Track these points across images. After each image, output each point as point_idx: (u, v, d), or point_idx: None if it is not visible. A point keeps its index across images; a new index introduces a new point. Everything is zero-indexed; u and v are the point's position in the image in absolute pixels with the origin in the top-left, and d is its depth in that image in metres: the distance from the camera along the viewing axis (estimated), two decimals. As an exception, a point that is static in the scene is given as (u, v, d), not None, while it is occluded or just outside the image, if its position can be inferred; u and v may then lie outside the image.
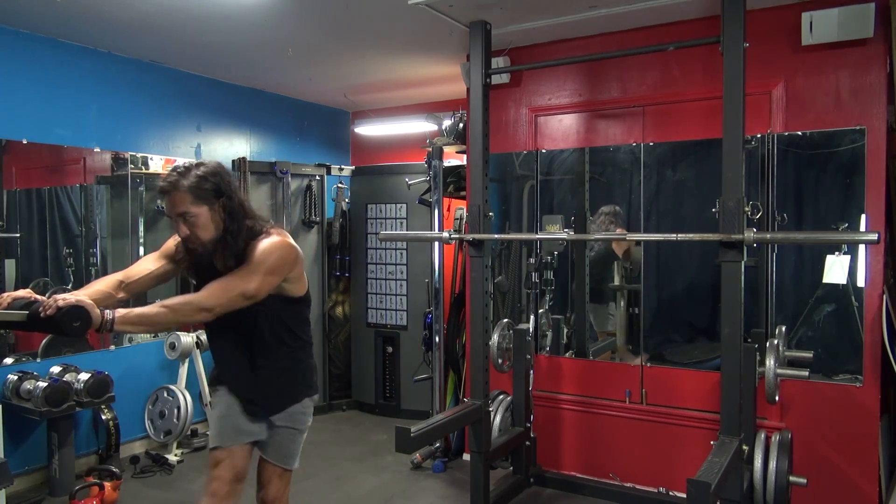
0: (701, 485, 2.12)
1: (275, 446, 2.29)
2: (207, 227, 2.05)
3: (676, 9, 3.26)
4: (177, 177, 2.03)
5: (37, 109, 3.77)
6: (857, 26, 2.96)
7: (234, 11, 3.38)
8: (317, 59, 4.33)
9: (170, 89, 4.52)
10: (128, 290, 2.15)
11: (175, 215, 2.04)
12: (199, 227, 2.05)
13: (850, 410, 3.10)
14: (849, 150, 3.12)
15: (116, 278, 2.16)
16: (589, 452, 3.79)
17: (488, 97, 3.37)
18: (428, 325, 4.56)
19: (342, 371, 5.42)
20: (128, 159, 4.27)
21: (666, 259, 3.74)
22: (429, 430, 2.93)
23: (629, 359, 3.76)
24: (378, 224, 5.15)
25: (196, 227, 2.04)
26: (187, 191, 2.02)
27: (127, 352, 4.26)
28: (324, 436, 4.72)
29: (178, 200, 2.02)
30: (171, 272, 2.26)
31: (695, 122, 3.47)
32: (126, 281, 2.16)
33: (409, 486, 3.81)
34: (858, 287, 3.09)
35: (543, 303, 4.01)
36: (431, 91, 5.22)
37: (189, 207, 2.02)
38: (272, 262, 2.06)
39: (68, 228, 4.09)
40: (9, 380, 3.52)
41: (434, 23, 3.44)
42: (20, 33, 3.67)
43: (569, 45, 3.78)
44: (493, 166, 3.68)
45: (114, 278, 2.16)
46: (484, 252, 3.34)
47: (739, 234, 2.55)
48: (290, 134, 5.54)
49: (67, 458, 3.54)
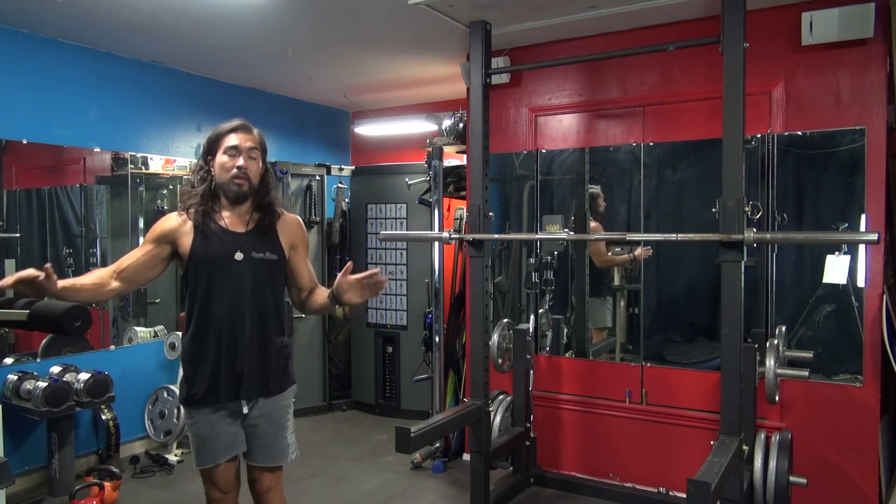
0: (701, 485, 2.12)
1: (259, 448, 2.27)
2: (258, 171, 2.26)
3: (676, 9, 3.26)
4: (247, 123, 2.27)
5: (37, 109, 3.77)
6: (857, 26, 2.96)
7: (234, 11, 3.38)
8: (317, 59, 4.33)
9: (170, 89, 4.52)
10: (122, 279, 2.17)
11: (246, 149, 2.22)
12: (254, 167, 2.24)
13: (850, 410, 3.10)
14: (849, 150, 3.12)
15: (109, 269, 2.19)
16: (589, 452, 3.79)
17: (488, 97, 3.37)
18: (428, 325, 4.57)
19: (342, 371, 5.42)
20: (128, 159, 4.27)
21: (666, 259, 3.74)
22: (429, 430, 2.93)
23: (629, 359, 3.77)
24: (378, 224, 5.15)
25: (253, 165, 2.23)
26: (259, 137, 2.28)
27: (127, 352, 4.26)
28: (324, 436, 4.72)
29: (251, 138, 2.25)
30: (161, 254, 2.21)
31: (695, 122, 3.47)
32: (118, 270, 2.18)
33: (409, 486, 3.81)
34: (858, 287, 3.09)
35: (543, 303, 4.01)
36: (431, 91, 5.22)
37: (257, 147, 2.26)
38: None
39: (68, 228, 4.09)
40: (9, 380, 3.52)
41: (434, 23, 3.44)
42: (20, 33, 3.67)
43: (569, 45, 3.79)
44: (493, 166, 3.68)
45: (106, 269, 2.20)
46: (484, 252, 3.34)
47: (739, 234, 2.55)
48: (290, 134, 5.54)
49: (67, 458, 3.53)
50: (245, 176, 2.20)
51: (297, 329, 5.09)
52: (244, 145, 2.21)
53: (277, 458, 2.30)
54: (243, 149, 2.21)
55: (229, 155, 2.20)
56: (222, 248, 2.19)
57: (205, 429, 2.21)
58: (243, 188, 2.21)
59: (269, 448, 2.28)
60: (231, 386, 2.19)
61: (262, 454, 2.28)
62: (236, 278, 2.18)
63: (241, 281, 2.19)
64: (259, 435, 2.26)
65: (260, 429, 2.25)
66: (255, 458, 2.28)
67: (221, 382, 2.18)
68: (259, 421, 2.25)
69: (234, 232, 2.23)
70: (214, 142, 2.23)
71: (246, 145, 2.21)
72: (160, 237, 2.22)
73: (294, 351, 5.10)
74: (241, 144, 2.20)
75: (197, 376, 2.19)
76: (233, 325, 2.18)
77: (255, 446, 2.27)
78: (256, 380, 2.22)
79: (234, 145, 2.20)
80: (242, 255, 2.20)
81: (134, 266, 2.19)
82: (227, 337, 2.18)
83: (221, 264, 2.18)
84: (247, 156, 2.21)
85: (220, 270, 2.18)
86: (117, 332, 4.26)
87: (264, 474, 2.30)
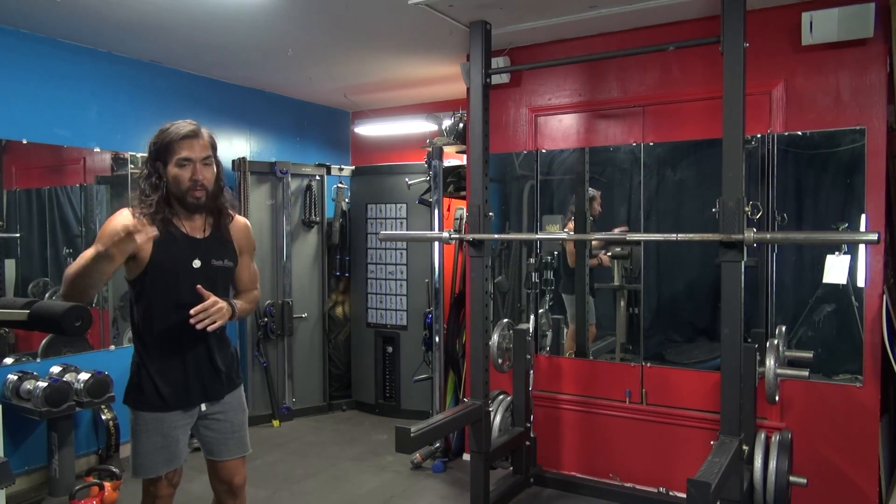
0: (701, 485, 2.12)
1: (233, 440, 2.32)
2: (212, 177, 2.20)
3: (676, 9, 3.26)
4: (196, 126, 2.16)
5: (37, 109, 3.77)
6: (857, 26, 2.96)
7: (234, 11, 3.38)
8: (317, 59, 4.33)
9: (170, 89, 4.52)
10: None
11: (200, 158, 2.14)
12: (209, 174, 2.18)
13: (850, 410, 3.10)
14: (849, 150, 3.12)
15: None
16: (589, 452, 3.79)
17: (488, 97, 3.37)
18: (428, 325, 4.57)
19: (342, 371, 5.42)
20: (128, 159, 4.27)
21: (666, 259, 3.74)
22: (429, 430, 2.92)
23: (629, 359, 3.77)
24: (378, 224, 5.15)
25: (208, 173, 2.17)
26: (209, 140, 2.19)
27: (127, 352, 4.19)
28: (324, 436, 4.73)
29: (204, 145, 2.17)
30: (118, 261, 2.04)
31: (695, 122, 3.47)
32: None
33: (409, 486, 3.81)
34: (858, 287, 3.09)
35: (543, 303, 4.01)
36: (431, 91, 5.22)
37: (210, 153, 2.19)
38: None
39: (68, 228, 4.09)
40: (9, 380, 3.52)
41: (434, 23, 3.44)
42: (20, 33, 3.67)
43: (569, 45, 3.78)
44: (493, 166, 3.68)
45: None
46: (484, 252, 3.34)
47: (739, 234, 2.55)
48: (289, 134, 5.54)
49: (67, 458, 3.53)
50: (202, 187, 2.15)
51: (297, 329, 5.10)
52: (198, 155, 2.13)
53: (247, 445, 2.37)
54: (197, 159, 2.13)
55: (182, 166, 2.12)
56: (182, 255, 2.16)
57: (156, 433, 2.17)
58: (201, 200, 2.16)
59: (242, 437, 2.34)
60: (198, 389, 2.22)
61: (236, 445, 2.33)
62: (193, 285, 2.12)
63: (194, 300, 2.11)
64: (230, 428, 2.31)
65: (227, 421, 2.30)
66: (230, 451, 2.32)
67: (191, 387, 2.20)
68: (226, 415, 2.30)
69: (193, 238, 2.20)
70: (164, 150, 2.13)
71: (200, 155, 2.13)
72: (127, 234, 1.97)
73: (294, 351, 5.13)
74: (194, 156, 2.12)
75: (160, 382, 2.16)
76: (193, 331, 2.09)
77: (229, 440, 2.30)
78: (224, 378, 2.29)
79: (186, 157, 2.12)
80: (200, 263, 2.18)
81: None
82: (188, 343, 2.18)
83: (181, 271, 2.16)
84: (201, 164, 2.14)
85: (181, 277, 2.15)
86: (117, 332, 4.26)
87: (239, 466, 2.35)
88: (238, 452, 2.34)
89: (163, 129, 2.16)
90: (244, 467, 2.39)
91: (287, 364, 5.09)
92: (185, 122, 2.16)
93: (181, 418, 2.21)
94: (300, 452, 4.38)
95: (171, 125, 2.15)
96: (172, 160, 2.12)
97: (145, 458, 2.17)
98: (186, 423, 2.24)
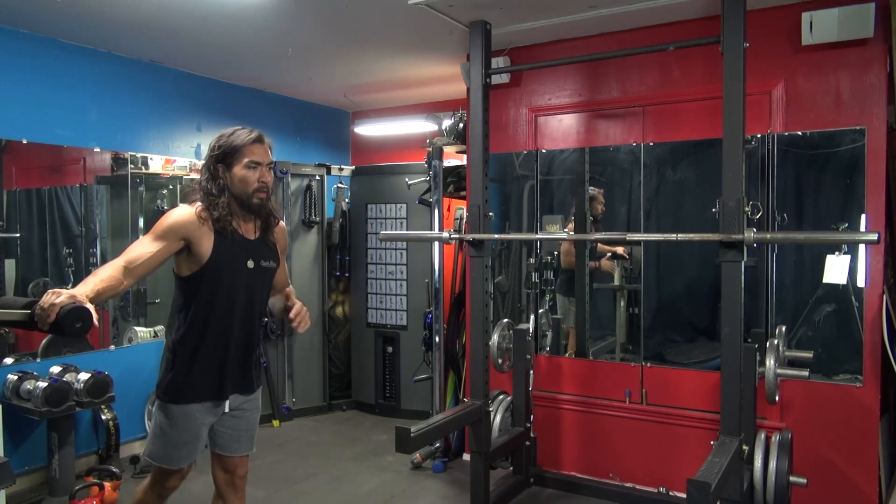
0: (701, 485, 2.12)
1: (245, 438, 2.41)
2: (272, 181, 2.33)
3: (676, 9, 3.26)
4: (261, 132, 2.28)
5: (37, 109, 3.77)
6: (857, 26, 2.96)
7: (234, 11, 3.38)
8: (317, 59, 4.33)
9: (170, 89, 4.52)
10: (132, 276, 2.09)
11: (267, 163, 2.27)
12: (272, 179, 2.31)
13: (850, 410, 3.10)
14: (849, 150, 3.12)
15: (119, 264, 2.08)
16: (589, 452, 3.79)
17: (488, 97, 3.37)
18: (428, 325, 4.57)
19: (342, 371, 5.42)
20: (128, 159, 4.27)
21: (666, 259, 3.74)
22: (429, 430, 2.93)
23: (629, 359, 3.77)
24: (378, 224, 5.15)
25: (271, 178, 2.31)
26: (271, 147, 2.32)
27: (127, 352, 4.26)
28: (324, 436, 4.73)
29: (268, 151, 2.30)
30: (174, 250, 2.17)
31: (695, 122, 3.47)
32: (129, 266, 2.09)
33: (409, 486, 3.81)
34: (858, 287, 3.09)
35: (543, 303, 4.01)
36: (431, 91, 5.22)
37: (272, 159, 2.32)
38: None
39: (68, 228, 4.09)
40: (9, 380, 3.52)
41: (434, 23, 3.44)
42: (20, 33, 3.67)
43: (569, 45, 3.78)
44: (493, 166, 3.68)
45: (117, 264, 2.08)
46: (484, 252, 3.34)
47: (739, 234, 2.55)
48: (289, 134, 5.53)
49: (67, 458, 3.53)
50: (267, 190, 2.27)
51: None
52: (265, 160, 2.26)
53: (254, 444, 2.47)
54: (264, 163, 2.26)
55: (251, 168, 2.23)
56: (239, 255, 2.27)
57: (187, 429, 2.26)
58: (264, 201, 2.29)
59: (253, 435, 2.44)
60: (232, 384, 2.31)
61: (247, 443, 2.42)
62: (246, 284, 2.27)
63: (248, 288, 2.28)
64: (245, 426, 2.40)
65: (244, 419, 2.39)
66: (241, 448, 2.41)
67: (226, 381, 2.29)
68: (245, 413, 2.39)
69: (247, 239, 2.31)
70: (232, 153, 2.21)
71: (267, 160, 2.28)
72: (176, 233, 2.15)
73: (294, 351, 5.13)
74: (262, 159, 2.25)
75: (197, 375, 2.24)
76: (239, 327, 2.28)
77: (242, 438, 2.40)
78: (253, 376, 2.40)
79: (256, 160, 2.23)
80: (253, 264, 2.29)
81: (147, 263, 2.11)
82: (233, 339, 2.28)
83: (237, 271, 2.25)
84: (267, 169, 2.27)
85: (235, 276, 2.25)
86: (117, 332, 4.26)
87: (244, 460, 2.45)
88: (246, 450, 2.43)
89: (226, 133, 2.25)
90: (247, 462, 2.48)
91: (287, 364, 5.09)
92: (247, 128, 2.28)
93: (209, 415, 2.29)
94: (300, 452, 4.38)
95: (233, 130, 2.25)
96: (241, 162, 2.22)
97: (173, 450, 2.26)
98: (211, 421, 2.32)
